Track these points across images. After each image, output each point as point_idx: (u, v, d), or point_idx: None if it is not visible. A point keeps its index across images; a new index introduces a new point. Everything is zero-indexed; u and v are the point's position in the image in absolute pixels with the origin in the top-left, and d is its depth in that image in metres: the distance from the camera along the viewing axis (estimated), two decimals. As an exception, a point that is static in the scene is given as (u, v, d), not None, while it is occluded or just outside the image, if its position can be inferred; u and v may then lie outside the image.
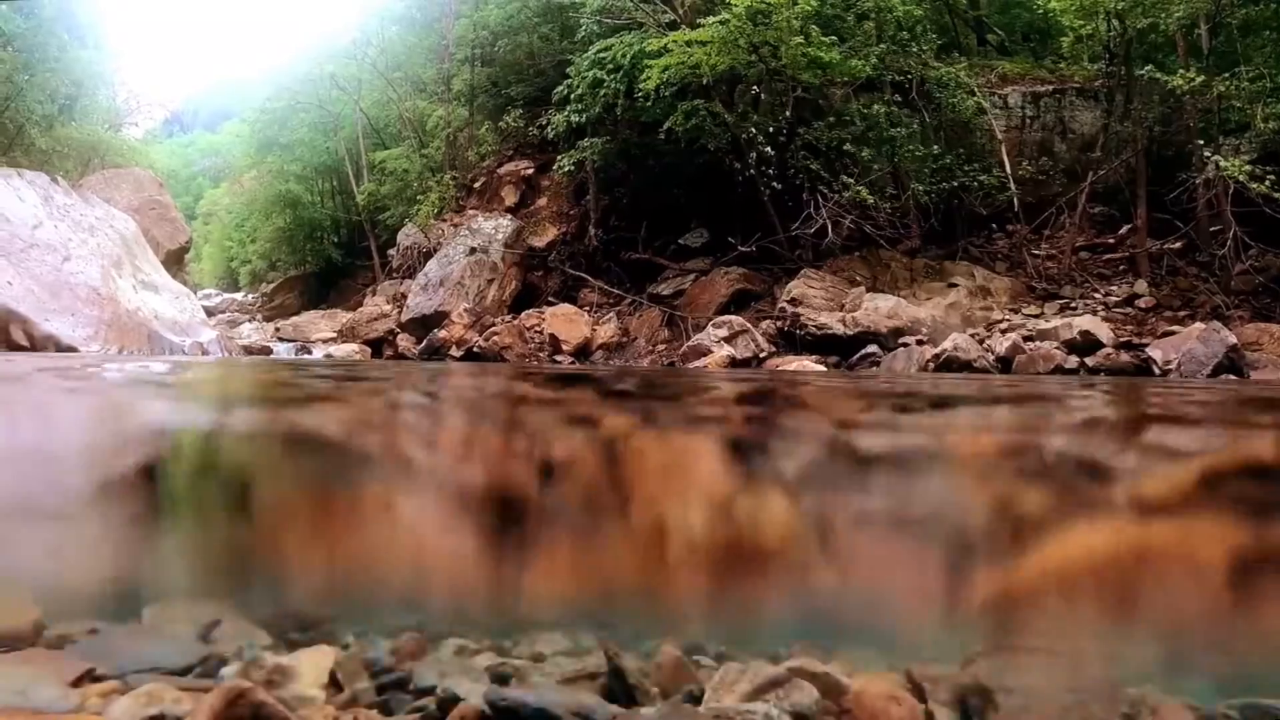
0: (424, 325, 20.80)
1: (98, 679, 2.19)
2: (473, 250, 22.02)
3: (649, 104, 18.11)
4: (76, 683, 2.16)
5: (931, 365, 13.75)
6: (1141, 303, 15.63)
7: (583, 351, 18.07)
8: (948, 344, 14.27)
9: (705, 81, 17.66)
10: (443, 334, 19.40)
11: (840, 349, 15.51)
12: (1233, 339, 12.33)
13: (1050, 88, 19.71)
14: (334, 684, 2.29)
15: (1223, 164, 14.01)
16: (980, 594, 2.40)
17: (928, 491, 3.01)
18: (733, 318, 16.88)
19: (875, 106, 17.50)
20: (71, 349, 12.60)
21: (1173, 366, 12.18)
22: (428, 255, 23.59)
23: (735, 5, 16.44)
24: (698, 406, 5.02)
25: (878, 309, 15.71)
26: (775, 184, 17.55)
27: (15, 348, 12.20)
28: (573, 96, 19.92)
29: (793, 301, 16.45)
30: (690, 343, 16.66)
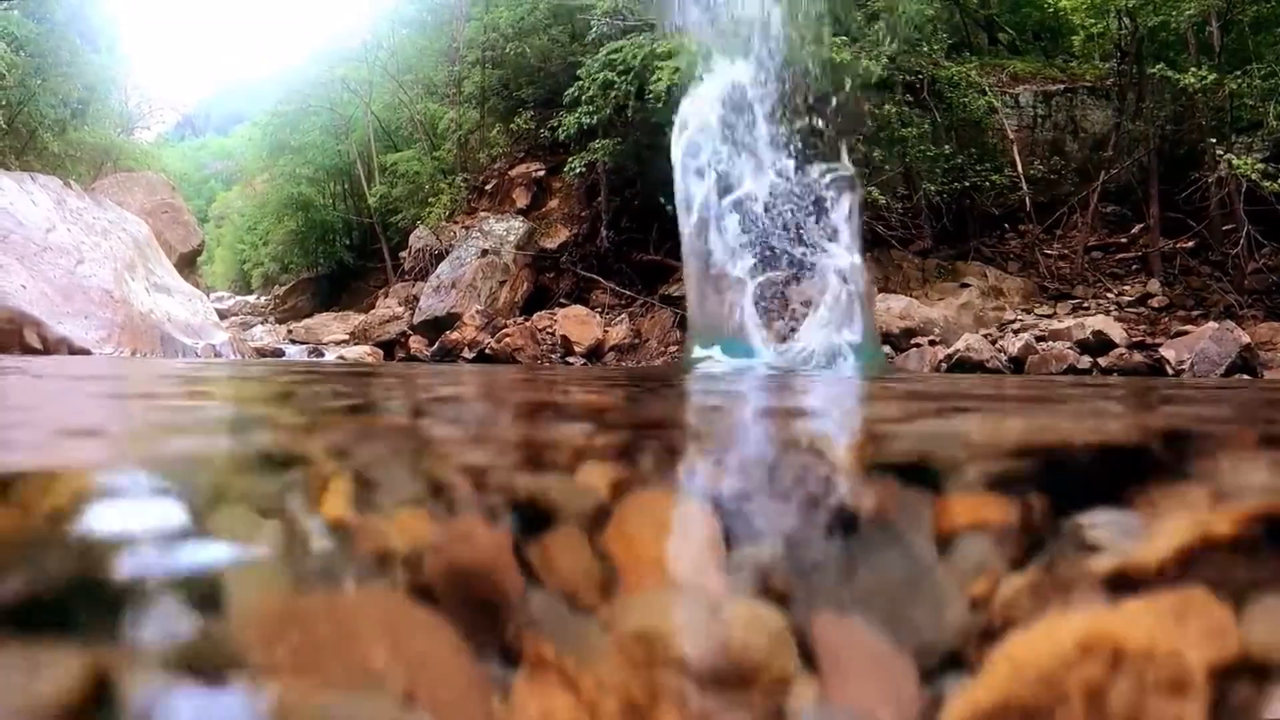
0: (436, 327, 20.83)
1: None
2: (484, 252, 22.06)
3: (660, 105, 18.12)
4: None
5: (944, 365, 13.73)
6: (1154, 302, 15.60)
7: (595, 353, 18.08)
8: (960, 344, 14.25)
9: (716, 82, 17.68)
10: (454, 336, 19.43)
11: (852, 350, 15.52)
12: (1246, 338, 12.29)
13: (1061, 87, 19.70)
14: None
15: (1235, 162, 13.98)
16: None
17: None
18: (744, 319, 16.88)
19: (886, 106, 17.48)
20: (85, 352, 12.65)
21: (1185, 366, 12.15)
22: (439, 257, 23.63)
23: (745, 6, 16.46)
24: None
25: (889, 309, 15.69)
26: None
27: (29, 350, 12.24)
28: (584, 98, 19.94)
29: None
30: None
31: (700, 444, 2.38)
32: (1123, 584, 1.19)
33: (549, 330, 19.06)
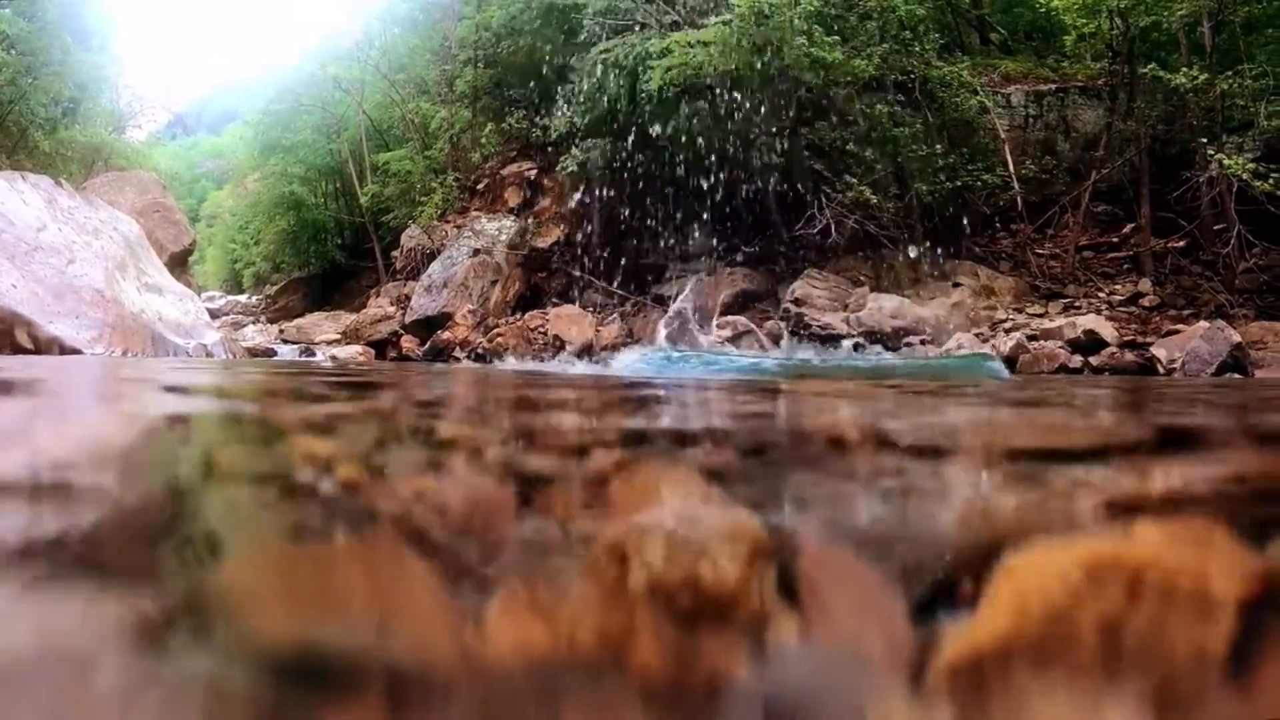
0: (428, 326, 20.81)
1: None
2: (476, 251, 22.03)
3: (652, 105, 18.13)
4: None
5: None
6: (1145, 301, 15.62)
7: (587, 352, 18.07)
8: (951, 343, 14.27)
9: (708, 82, 17.67)
10: (447, 335, 19.42)
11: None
12: (1237, 337, 12.31)
13: (1053, 86, 19.71)
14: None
15: (1226, 162, 14.01)
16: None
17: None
18: (736, 318, 16.90)
19: (878, 106, 17.49)
20: (76, 351, 12.61)
21: (1176, 365, 12.17)
22: (431, 256, 23.60)
23: (738, 6, 16.44)
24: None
25: (881, 309, 15.71)
26: (779, 185, 17.57)
27: (19, 350, 12.20)
28: (576, 98, 19.96)
29: (796, 302, 16.46)
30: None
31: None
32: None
33: (541, 329, 19.06)
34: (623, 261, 21.28)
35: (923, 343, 14.91)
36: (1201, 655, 0.87)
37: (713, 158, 18.61)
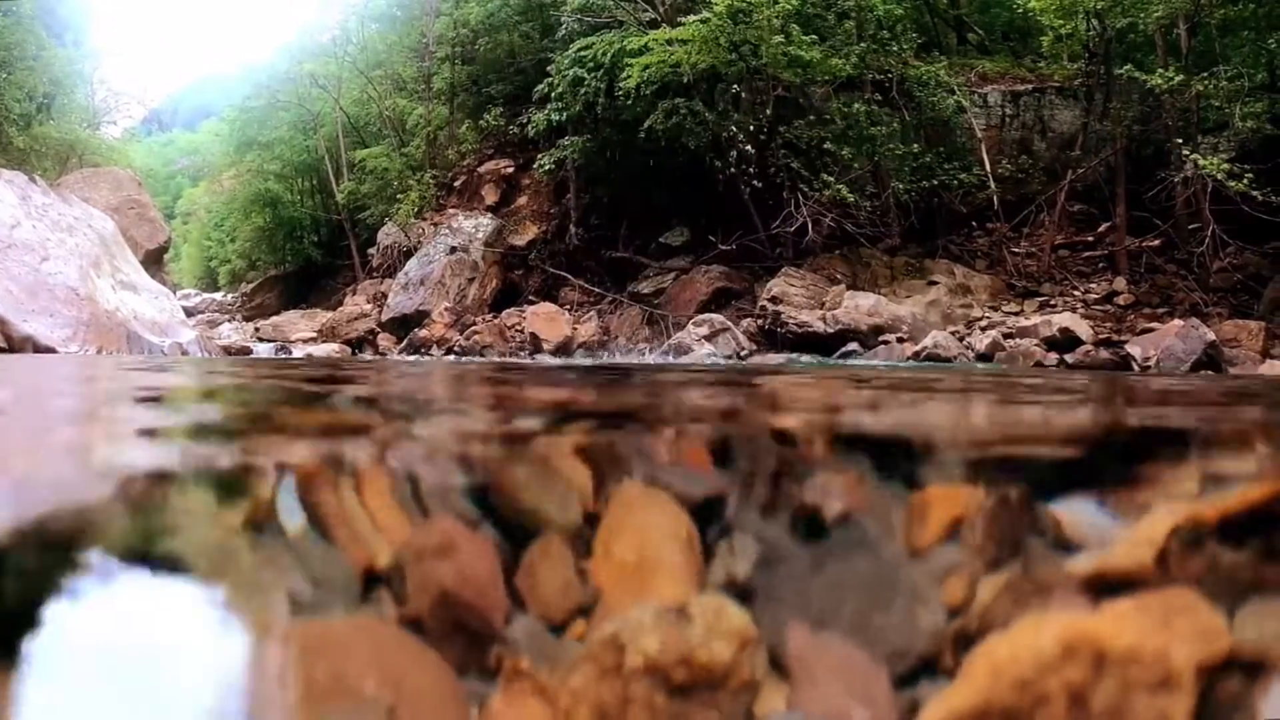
0: (405, 325, 20.75)
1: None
2: (453, 249, 21.98)
3: (630, 102, 18.11)
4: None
5: (912, 362, 13.78)
6: (1120, 300, 15.69)
7: (563, 350, 18.04)
8: (928, 341, 14.31)
9: (686, 80, 17.65)
10: (424, 333, 19.37)
11: (821, 347, 15.52)
12: (1211, 335, 12.38)
13: (1030, 86, 19.78)
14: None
15: (1201, 162, 14.07)
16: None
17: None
18: (713, 316, 16.89)
19: (855, 105, 17.51)
20: (50, 350, 12.50)
21: (1151, 363, 12.23)
22: (408, 254, 23.53)
23: (716, 4, 16.43)
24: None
25: (858, 307, 15.73)
26: (756, 182, 17.56)
27: (-9, 349, 12.09)
28: (553, 95, 19.93)
29: (773, 300, 16.47)
30: (671, 341, 16.67)
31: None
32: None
33: (518, 327, 19.03)
34: (599, 259, 21.28)
35: (899, 340, 14.95)
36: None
37: (690, 156, 18.62)
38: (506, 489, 1.58)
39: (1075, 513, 1.49)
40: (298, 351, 19.39)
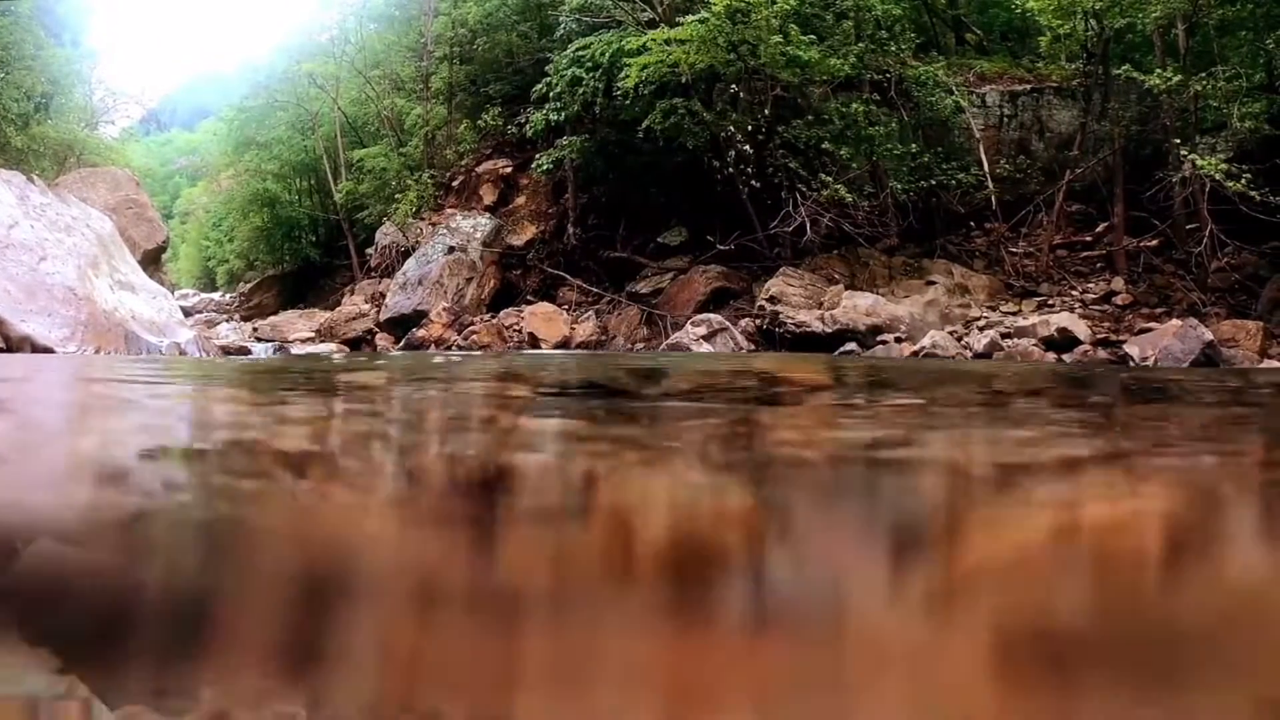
0: (403, 324, 20.74)
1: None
2: (451, 249, 21.96)
3: (628, 102, 18.09)
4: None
5: (910, 362, 13.78)
6: (1118, 300, 15.70)
7: (562, 349, 18.04)
8: (926, 341, 14.32)
9: (684, 80, 17.64)
10: (422, 333, 19.36)
11: (819, 346, 15.51)
12: (1209, 335, 12.39)
13: (1028, 87, 19.78)
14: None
15: (1199, 162, 14.07)
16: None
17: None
18: (711, 316, 16.88)
19: (854, 105, 17.50)
20: (48, 350, 12.49)
21: (1149, 363, 12.24)
22: (406, 254, 23.52)
23: (714, 4, 16.42)
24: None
25: (856, 306, 15.73)
26: (754, 182, 17.54)
27: (-11, 348, 12.09)
28: (551, 95, 19.90)
29: (771, 299, 16.46)
30: (669, 340, 16.67)
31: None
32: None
33: (516, 327, 19.03)
34: (598, 259, 21.27)
35: (897, 340, 14.95)
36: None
37: (688, 156, 18.61)
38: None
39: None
40: (296, 351, 19.36)
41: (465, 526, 2.31)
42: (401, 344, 19.72)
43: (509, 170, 24.59)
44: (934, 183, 17.71)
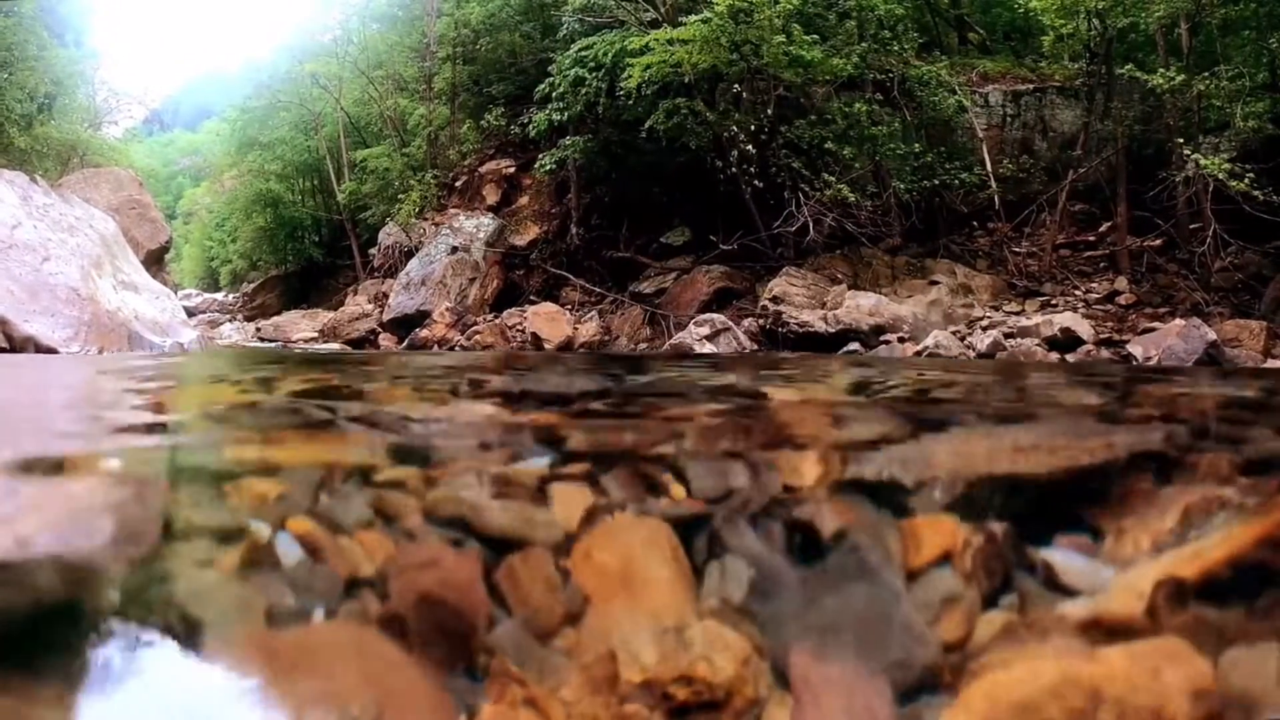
0: (406, 324, 20.75)
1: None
2: (454, 249, 21.98)
3: (631, 102, 18.08)
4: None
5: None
6: (1122, 299, 15.68)
7: (565, 350, 18.04)
8: (929, 341, 14.30)
9: (687, 80, 17.62)
10: (425, 333, 19.37)
11: (822, 346, 15.49)
12: (1212, 335, 12.37)
13: (1031, 86, 19.78)
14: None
15: (1202, 162, 14.05)
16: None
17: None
18: (714, 316, 16.87)
19: (857, 105, 17.49)
20: (51, 350, 12.50)
21: (1153, 363, 12.23)
22: (409, 254, 23.55)
23: (717, 4, 16.41)
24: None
25: (859, 306, 15.71)
26: (757, 182, 17.53)
27: (-12, 349, 12.09)
28: (554, 95, 19.88)
29: (774, 299, 16.45)
30: (672, 340, 16.67)
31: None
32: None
33: (519, 327, 19.02)
34: (600, 259, 21.27)
35: (900, 340, 14.94)
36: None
37: (691, 156, 18.60)
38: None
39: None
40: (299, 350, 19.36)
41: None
42: (404, 344, 19.73)
43: (512, 170, 24.62)
44: (937, 182, 17.71)
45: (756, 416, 3.88)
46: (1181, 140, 15.06)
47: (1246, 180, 13.50)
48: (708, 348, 15.65)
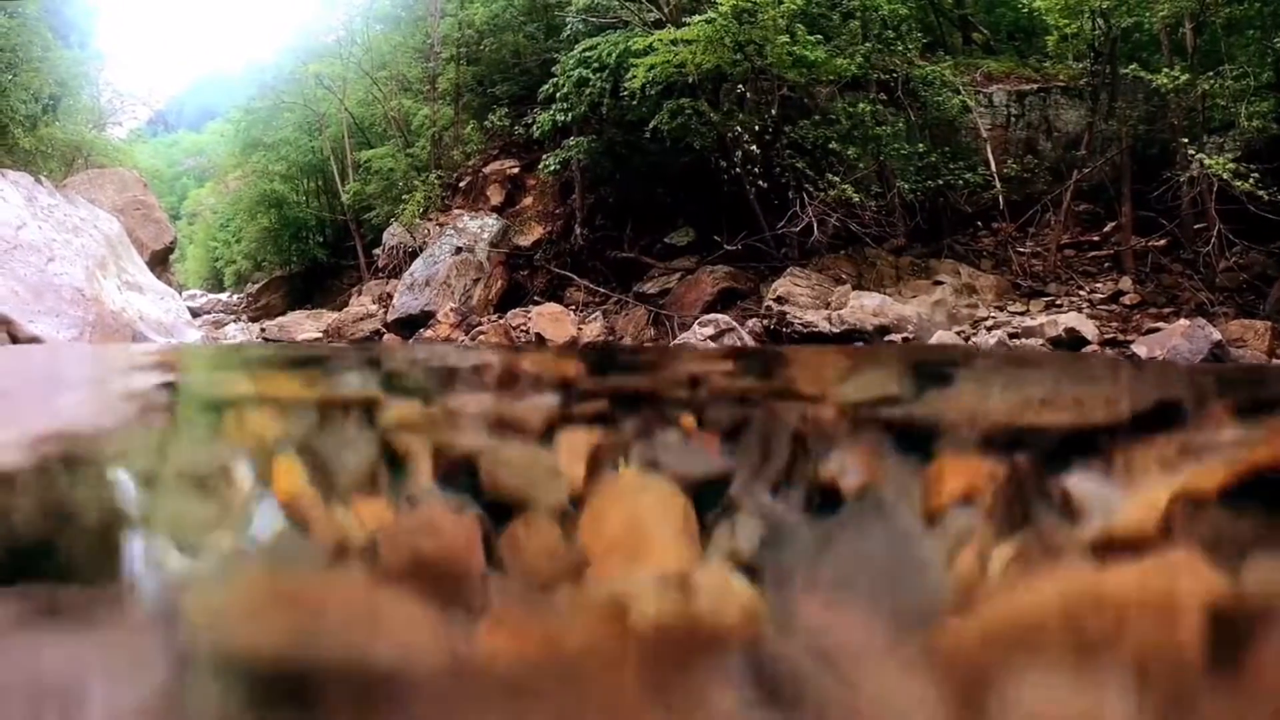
0: (410, 325, 20.77)
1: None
2: (459, 249, 21.99)
3: (635, 103, 18.08)
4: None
5: (917, 363, 13.77)
6: (1126, 299, 15.66)
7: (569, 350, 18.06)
8: (933, 341, 14.31)
9: (691, 80, 17.62)
10: (429, 334, 19.40)
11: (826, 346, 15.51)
12: (1217, 335, 12.38)
13: (1035, 86, 19.76)
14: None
15: (1207, 162, 14.03)
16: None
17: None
18: (719, 316, 16.87)
19: (861, 105, 17.48)
20: (56, 349, 12.54)
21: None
22: (413, 255, 23.55)
23: (721, 4, 16.41)
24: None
25: (863, 306, 15.71)
26: (761, 182, 17.52)
27: (-8, 349, 12.12)
28: (558, 95, 19.88)
29: (779, 300, 16.45)
30: (676, 341, 16.68)
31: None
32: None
33: (523, 328, 19.04)
34: (605, 260, 21.28)
35: (905, 340, 14.94)
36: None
37: (695, 156, 18.61)
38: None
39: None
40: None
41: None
42: (409, 344, 19.74)
43: (516, 171, 24.62)
44: (941, 182, 17.71)
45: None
46: (1186, 140, 15.04)
47: (1251, 180, 13.49)
48: (712, 348, 15.67)
